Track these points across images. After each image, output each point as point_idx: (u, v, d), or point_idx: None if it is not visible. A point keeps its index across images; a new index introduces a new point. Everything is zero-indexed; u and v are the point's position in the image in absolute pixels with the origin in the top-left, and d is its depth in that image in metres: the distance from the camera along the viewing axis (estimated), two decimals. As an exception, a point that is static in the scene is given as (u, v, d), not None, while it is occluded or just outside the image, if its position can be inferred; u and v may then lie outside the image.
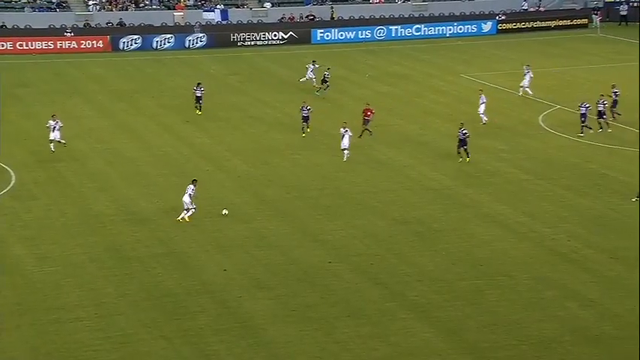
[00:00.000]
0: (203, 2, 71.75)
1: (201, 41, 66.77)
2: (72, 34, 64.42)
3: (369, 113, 40.47)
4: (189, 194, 30.80)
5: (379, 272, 26.76)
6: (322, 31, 69.29)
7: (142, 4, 70.96)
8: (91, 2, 69.09)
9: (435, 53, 63.48)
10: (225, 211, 31.17)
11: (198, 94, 45.37)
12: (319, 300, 25.01)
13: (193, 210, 30.75)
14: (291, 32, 68.30)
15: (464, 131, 36.98)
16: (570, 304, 24.59)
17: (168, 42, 66.14)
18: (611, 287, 25.57)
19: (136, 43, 65.31)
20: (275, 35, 68.22)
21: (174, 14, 69.88)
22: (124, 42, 64.88)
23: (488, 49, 65.78)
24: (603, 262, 27.35)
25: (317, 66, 50.92)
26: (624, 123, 42.60)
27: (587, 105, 40.32)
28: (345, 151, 37.27)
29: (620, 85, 44.29)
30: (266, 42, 67.71)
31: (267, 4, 72.59)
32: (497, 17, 72.69)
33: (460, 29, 71.72)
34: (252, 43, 67.54)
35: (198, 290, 25.62)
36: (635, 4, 74.75)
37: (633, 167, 36.33)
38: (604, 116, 40.80)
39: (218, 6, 71.17)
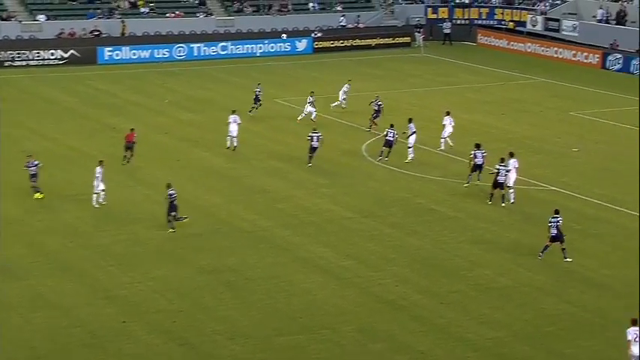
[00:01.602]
0: (-41, 13, 68.76)
1: (-43, 60, 63.94)
2: None
3: (132, 137, 41.68)
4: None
5: (183, 331, 26.47)
6: (111, 49, 68.42)
7: None
8: None
9: (244, 75, 64.30)
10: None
11: None
12: (112, 369, 24.39)
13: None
14: (72, 50, 66.93)
15: (170, 192, 33.79)
16: (399, 358, 25.39)
17: None
18: (441, 337, 26.65)
19: None
20: (52, 54, 66.58)
21: None
22: None
23: (304, 70, 67.52)
24: (433, 308, 28.52)
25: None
26: (452, 153, 44.94)
27: (316, 133, 42.09)
28: (94, 195, 36.11)
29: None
30: (41, 62, 65.95)
31: (41, 17, 70.46)
32: (312, 34, 74.92)
33: (272, 47, 73.27)
34: (24, 63, 65.60)
35: (-42, 366, 24.21)
36: (459, 22, 79.64)
37: (462, 202, 38.34)
38: (392, 145, 42.82)
39: (-21, 18, 68.48)
